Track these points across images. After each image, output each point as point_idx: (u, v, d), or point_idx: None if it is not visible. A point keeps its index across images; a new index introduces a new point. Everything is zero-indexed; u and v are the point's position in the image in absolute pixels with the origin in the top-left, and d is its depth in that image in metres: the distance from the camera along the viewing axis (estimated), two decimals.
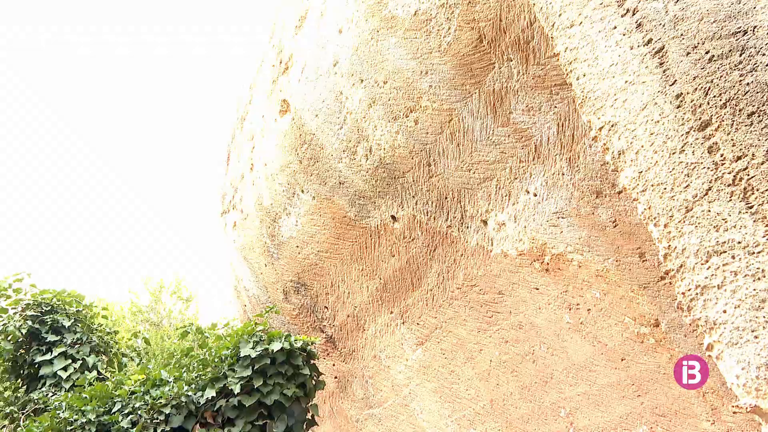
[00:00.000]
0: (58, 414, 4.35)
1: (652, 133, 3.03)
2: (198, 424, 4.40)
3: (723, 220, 2.70)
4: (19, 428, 5.10)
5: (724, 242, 2.68)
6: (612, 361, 5.05)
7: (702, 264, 2.75)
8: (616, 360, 5.02)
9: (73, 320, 5.89)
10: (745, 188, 2.66)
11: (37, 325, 5.73)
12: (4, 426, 10.60)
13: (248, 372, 4.40)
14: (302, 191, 7.12)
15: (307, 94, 6.57)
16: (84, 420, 4.32)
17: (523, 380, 5.95)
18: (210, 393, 4.39)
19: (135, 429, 4.23)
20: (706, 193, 2.78)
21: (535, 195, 5.06)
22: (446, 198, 5.86)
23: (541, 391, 5.81)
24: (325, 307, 7.97)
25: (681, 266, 2.85)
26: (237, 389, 4.30)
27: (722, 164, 2.74)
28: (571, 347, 5.34)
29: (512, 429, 6.31)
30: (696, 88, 2.87)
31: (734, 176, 2.70)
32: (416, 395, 7.49)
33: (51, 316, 5.83)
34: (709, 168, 2.78)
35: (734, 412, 3.80)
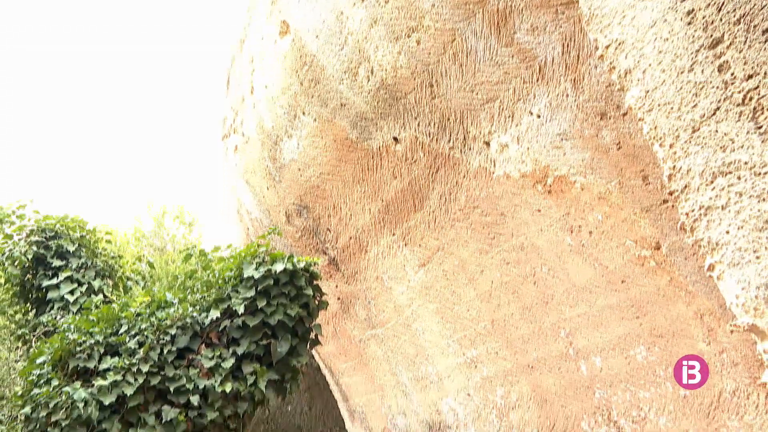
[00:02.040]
0: (67, 336, 4.42)
1: (660, 51, 2.96)
2: (203, 344, 4.48)
3: (730, 140, 2.65)
4: (32, 349, 5.20)
5: (730, 163, 2.65)
6: (612, 283, 5.10)
7: (707, 185, 2.72)
8: (617, 282, 5.06)
9: (77, 245, 5.93)
10: (755, 108, 2.60)
11: (42, 251, 5.77)
12: (17, 347, 10.84)
13: (252, 293, 4.44)
14: (303, 113, 7.04)
15: (307, 14, 6.41)
16: (92, 341, 4.40)
17: (523, 301, 6.02)
18: (214, 314, 4.45)
19: (142, 349, 4.30)
20: (714, 113, 2.72)
21: (539, 116, 4.99)
22: (449, 119, 5.79)
23: (542, 312, 5.89)
24: (328, 229, 8.00)
25: (685, 187, 2.83)
26: (241, 310, 4.36)
27: (732, 83, 2.68)
28: (572, 269, 5.38)
29: (512, 349, 6.42)
30: (708, 4, 2.77)
31: (744, 95, 2.64)
32: (418, 316, 7.60)
33: (55, 241, 5.87)
34: (718, 87, 2.72)
35: (731, 331, 3.85)
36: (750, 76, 2.64)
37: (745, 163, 2.60)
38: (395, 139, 6.37)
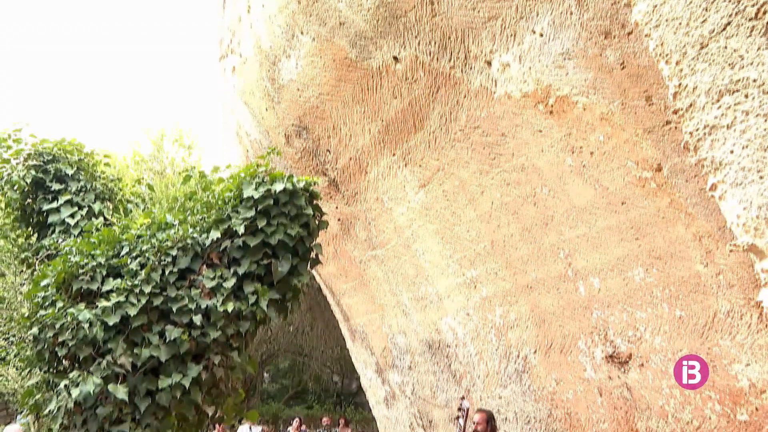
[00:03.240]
0: (70, 258, 4.45)
1: None
2: (204, 265, 4.50)
3: (740, 57, 2.58)
4: (35, 272, 5.24)
5: (738, 80, 2.59)
6: (612, 204, 5.09)
7: (713, 103, 2.67)
8: (617, 203, 5.05)
9: (75, 168, 5.90)
10: None
11: (40, 175, 5.74)
12: (21, 270, 10.95)
13: (252, 213, 4.43)
14: (302, 32, 6.89)
15: None
16: (94, 263, 4.43)
17: (523, 222, 6.03)
18: (215, 234, 4.46)
19: (144, 271, 4.33)
20: (724, 28, 2.64)
21: (542, 35, 4.88)
22: (449, 38, 5.66)
23: (541, 233, 5.91)
24: (327, 150, 7.95)
25: (691, 105, 2.78)
26: (241, 230, 4.36)
27: None
28: (573, 190, 5.37)
29: (512, 269, 6.47)
30: None
31: (758, 9, 2.54)
32: (418, 236, 7.63)
33: (53, 165, 5.83)
34: (730, 1, 2.62)
35: (731, 251, 3.86)
36: None
37: (754, 80, 2.54)
38: (395, 58, 6.25)
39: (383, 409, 11.38)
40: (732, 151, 2.62)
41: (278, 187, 4.41)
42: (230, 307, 4.26)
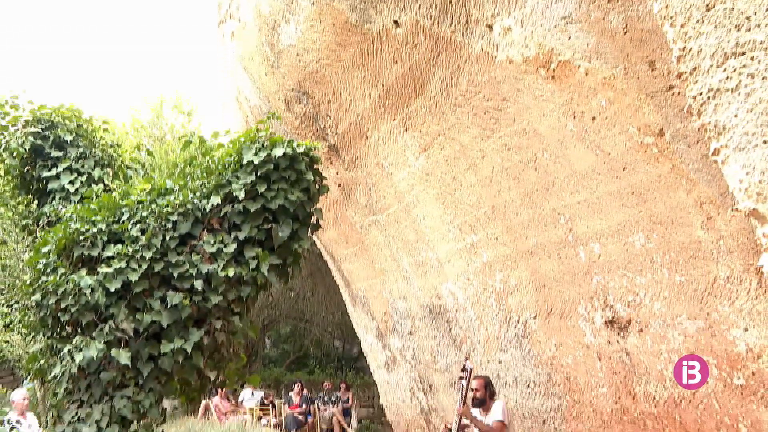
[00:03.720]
0: (70, 225, 4.45)
1: None
2: (205, 230, 4.50)
3: (747, 18, 2.54)
4: (36, 239, 5.24)
5: (745, 43, 2.55)
6: (614, 170, 5.07)
7: (718, 66, 2.64)
8: (618, 169, 5.03)
9: (74, 135, 5.87)
10: None
11: (39, 141, 5.71)
12: (23, 238, 10.96)
13: (252, 178, 4.41)
14: None
15: None
16: (95, 230, 4.42)
17: (524, 187, 6.02)
18: (215, 200, 4.44)
19: (144, 236, 4.33)
20: None
21: None
22: (450, 2, 5.59)
23: (542, 198, 5.90)
24: (328, 115, 7.91)
25: (695, 69, 2.75)
26: (241, 195, 4.35)
27: None
28: (574, 155, 5.35)
29: (512, 234, 6.48)
30: None
31: None
32: (419, 201, 7.63)
33: (52, 131, 5.80)
34: None
35: (732, 216, 3.85)
36: None
37: (761, 43, 2.50)
38: (395, 22, 6.18)
39: (384, 373, 11.48)
40: (736, 115, 2.60)
41: (278, 151, 4.38)
42: (231, 272, 4.26)
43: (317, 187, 4.66)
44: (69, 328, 4.49)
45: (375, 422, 15.70)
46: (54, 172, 5.61)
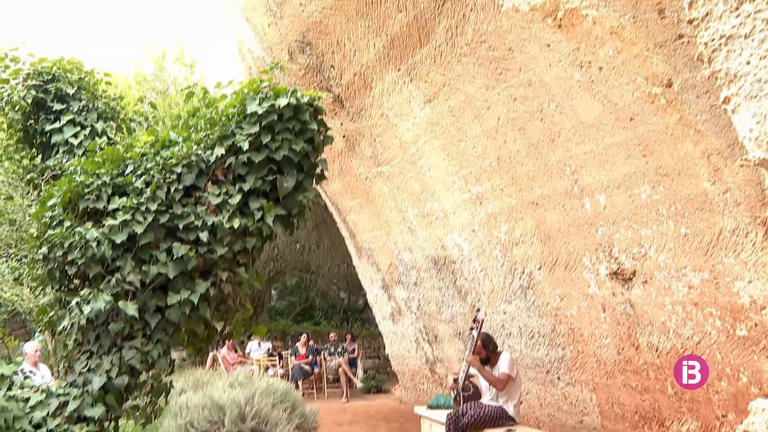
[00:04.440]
0: (75, 178, 4.44)
1: None
2: (209, 182, 4.49)
3: None
4: (42, 193, 5.25)
5: None
6: (620, 120, 5.02)
7: (731, 11, 2.57)
8: (625, 120, 4.98)
9: (76, 88, 5.83)
10: None
11: (41, 95, 5.66)
12: (28, 192, 10.98)
13: (256, 128, 4.37)
14: None
15: None
16: (99, 182, 4.42)
17: (530, 138, 5.98)
18: (219, 151, 4.42)
19: (149, 189, 4.33)
20: None
21: None
22: None
23: (548, 149, 5.86)
24: (332, 66, 7.82)
25: (707, 14, 2.68)
26: (245, 146, 4.31)
27: None
28: (580, 106, 5.29)
29: (517, 186, 6.46)
30: None
31: None
32: (424, 153, 7.59)
33: (54, 84, 5.75)
34: None
35: (741, 166, 3.82)
36: None
37: None
38: None
39: (389, 324, 11.60)
40: (748, 62, 2.54)
41: (282, 102, 4.34)
42: (236, 223, 4.26)
43: (322, 137, 4.62)
44: (77, 281, 4.52)
45: (381, 372, 15.92)
46: (57, 125, 5.58)
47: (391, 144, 8.10)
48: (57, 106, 5.64)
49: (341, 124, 8.53)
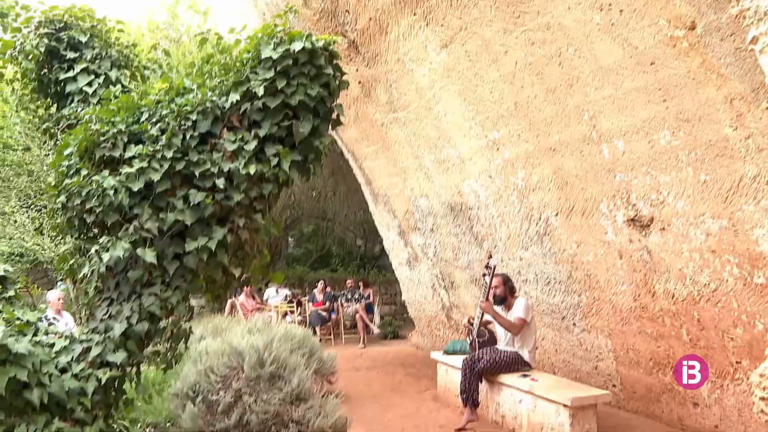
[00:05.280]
0: (90, 127, 4.43)
1: None
2: (225, 128, 4.46)
3: None
4: (58, 142, 5.25)
5: None
6: (641, 64, 4.92)
7: None
8: (646, 63, 4.88)
9: (89, 35, 5.76)
10: None
11: (54, 43, 5.61)
12: (45, 141, 11.00)
13: (271, 73, 4.31)
14: None
15: None
16: (115, 130, 4.40)
17: (548, 83, 5.89)
18: (234, 97, 4.37)
19: (164, 136, 4.31)
20: None
21: None
22: None
23: (566, 94, 5.77)
24: (347, 10, 7.70)
25: None
26: (260, 91, 4.26)
27: None
28: (600, 49, 5.18)
29: (535, 131, 6.39)
30: None
31: None
32: (440, 98, 7.51)
33: (66, 32, 5.69)
34: None
35: (766, 109, 3.74)
36: None
37: None
38: None
39: (406, 270, 11.67)
40: None
41: (297, 46, 4.26)
42: (252, 169, 4.24)
43: (337, 82, 4.55)
44: (95, 229, 4.55)
45: (397, 318, 16.08)
46: (71, 74, 5.54)
47: (407, 90, 8.02)
48: (70, 55, 5.59)
49: (357, 70, 8.44)
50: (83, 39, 5.63)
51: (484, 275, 6.87)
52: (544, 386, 6.12)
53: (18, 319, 3.89)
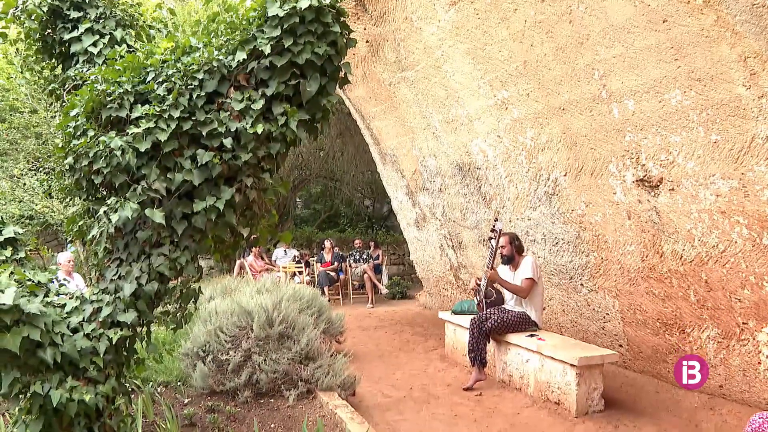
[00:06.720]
0: (96, 87, 4.40)
1: None
2: (232, 87, 4.43)
3: None
4: (64, 103, 5.22)
5: None
6: (653, 22, 4.84)
7: None
8: (657, 21, 4.80)
9: None
10: None
11: (57, 3, 5.55)
12: (51, 103, 10.94)
13: (277, 32, 4.26)
14: None
15: None
16: (121, 90, 4.38)
17: (557, 41, 5.80)
18: (241, 56, 4.33)
19: (171, 95, 4.29)
20: None
21: None
22: None
23: (576, 53, 5.70)
24: None
25: None
26: (267, 50, 4.21)
27: None
28: (611, 7, 5.09)
29: (544, 90, 6.32)
30: None
31: None
32: (449, 57, 7.43)
33: None
34: None
35: None
36: None
37: None
38: None
39: (414, 230, 11.68)
40: None
41: (303, 4, 4.20)
42: (260, 128, 4.22)
43: (345, 40, 4.50)
44: (104, 191, 4.55)
45: (405, 279, 16.17)
46: (75, 34, 5.49)
47: (415, 48, 7.92)
48: (74, 14, 5.53)
49: (364, 29, 8.34)
50: None
51: (490, 239, 6.88)
52: (551, 346, 6.17)
53: (29, 280, 3.93)
